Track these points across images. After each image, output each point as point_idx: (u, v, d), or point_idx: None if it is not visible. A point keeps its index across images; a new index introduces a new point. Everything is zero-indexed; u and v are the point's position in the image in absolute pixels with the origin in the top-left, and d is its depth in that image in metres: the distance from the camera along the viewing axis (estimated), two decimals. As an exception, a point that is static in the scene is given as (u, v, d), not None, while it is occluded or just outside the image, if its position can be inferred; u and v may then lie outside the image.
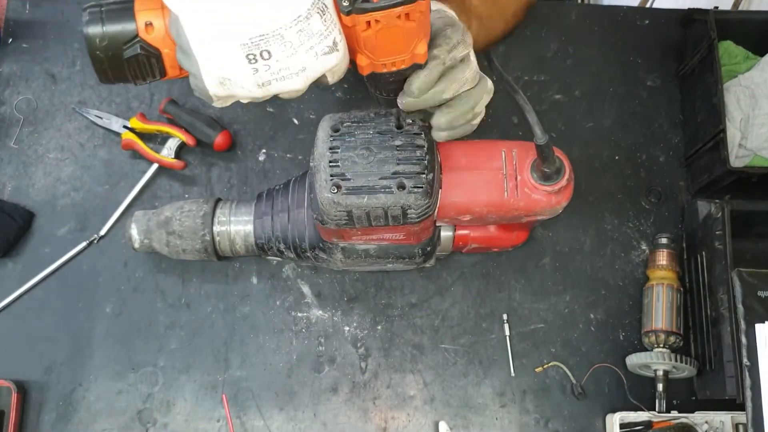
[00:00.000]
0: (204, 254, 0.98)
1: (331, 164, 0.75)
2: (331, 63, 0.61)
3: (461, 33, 0.71)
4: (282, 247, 0.94)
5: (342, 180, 0.74)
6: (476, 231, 0.98)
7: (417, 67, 0.67)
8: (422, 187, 0.75)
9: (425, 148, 0.76)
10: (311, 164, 0.79)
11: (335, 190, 0.74)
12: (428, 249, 0.91)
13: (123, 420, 0.99)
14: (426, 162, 0.75)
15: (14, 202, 1.07)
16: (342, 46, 0.61)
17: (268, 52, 0.58)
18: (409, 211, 0.75)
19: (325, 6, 0.58)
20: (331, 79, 0.64)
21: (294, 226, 0.92)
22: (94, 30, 0.62)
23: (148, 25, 0.62)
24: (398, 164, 0.75)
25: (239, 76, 0.60)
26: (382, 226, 0.79)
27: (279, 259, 1.01)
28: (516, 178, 0.80)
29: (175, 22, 0.59)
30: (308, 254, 0.93)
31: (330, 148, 0.76)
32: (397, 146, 0.75)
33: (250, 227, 0.95)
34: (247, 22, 0.57)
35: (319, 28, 0.58)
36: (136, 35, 0.62)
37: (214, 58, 0.59)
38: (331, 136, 0.77)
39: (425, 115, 0.77)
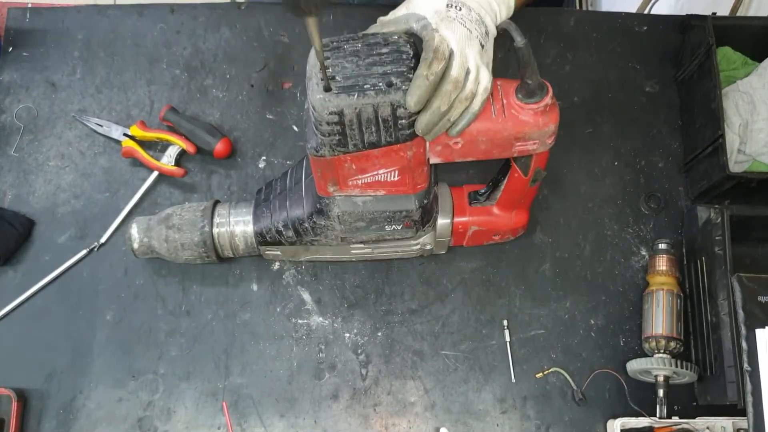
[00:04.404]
0: (203, 249, 0.98)
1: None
2: None
3: (431, 51, 0.76)
4: (280, 226, 0.96)
5: (333, 82, 0.77)
6: (474, 215, 1.00)
7: None
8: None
9: (411, 54, 0.79)
10: (306, 79, 0.80)
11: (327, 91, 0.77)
12: (425, 202, 0.92)
13: (123, 428, 0.99)
14: (412, 64, 0.78)
15: (14, 210, 1.07)
16: None
17: None
18: (399, 111, 0.78)
19: None
20: None
21: (292, 201, 0.95)
22: None
23: None
24: (386, 65, 0.78)
25: None
26: (374, 143, 0.81)
27: (278, 253, 1.01)
28: (502, 102, 0.83)
29: None
30: (306, 225, 0.94)
31: None
32: (385, 53, 0.79)
33: (249, 218, 0.98)
34: None
35: None
36: None
37: None
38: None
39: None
